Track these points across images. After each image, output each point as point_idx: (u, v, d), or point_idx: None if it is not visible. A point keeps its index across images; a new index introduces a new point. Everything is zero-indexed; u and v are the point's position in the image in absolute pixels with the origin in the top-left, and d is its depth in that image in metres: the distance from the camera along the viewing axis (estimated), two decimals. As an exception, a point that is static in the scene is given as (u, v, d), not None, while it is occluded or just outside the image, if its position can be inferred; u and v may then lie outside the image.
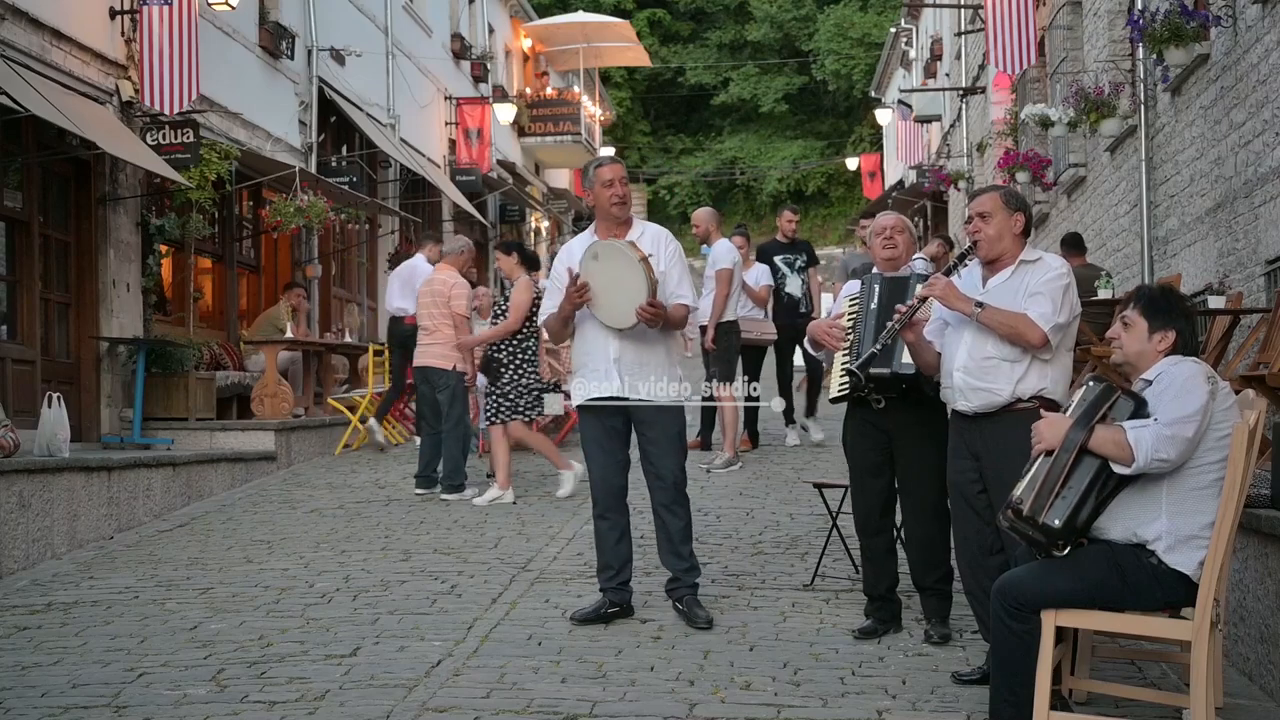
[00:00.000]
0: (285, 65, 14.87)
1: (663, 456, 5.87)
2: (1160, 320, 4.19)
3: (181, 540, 8.22)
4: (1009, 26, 13.49)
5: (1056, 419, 4.13)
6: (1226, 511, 3.93)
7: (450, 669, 5.17)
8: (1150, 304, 4.24)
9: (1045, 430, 4.11)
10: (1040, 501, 4.03)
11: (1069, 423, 4.06)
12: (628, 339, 5.80)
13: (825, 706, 4.68)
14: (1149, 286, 4.55)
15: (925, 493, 5.46)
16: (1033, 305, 4.71)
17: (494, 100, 23.20)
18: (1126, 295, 4.42)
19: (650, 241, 5.91)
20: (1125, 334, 4.27)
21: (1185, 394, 3.98)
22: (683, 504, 5.93)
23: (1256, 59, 8.11)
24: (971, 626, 5.34)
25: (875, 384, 5.38)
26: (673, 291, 5.87)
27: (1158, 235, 10.90)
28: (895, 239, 5.71)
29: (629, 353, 5.83)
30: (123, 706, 4.80)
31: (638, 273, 5.63)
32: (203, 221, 11.73)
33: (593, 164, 6.10)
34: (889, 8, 39.82)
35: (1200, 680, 3.95)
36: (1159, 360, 4.17)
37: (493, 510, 8.81)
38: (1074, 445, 4.01)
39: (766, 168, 43.81)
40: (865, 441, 5.64)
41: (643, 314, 5.63)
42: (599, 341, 5.87)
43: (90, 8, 10.80)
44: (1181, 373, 4.06)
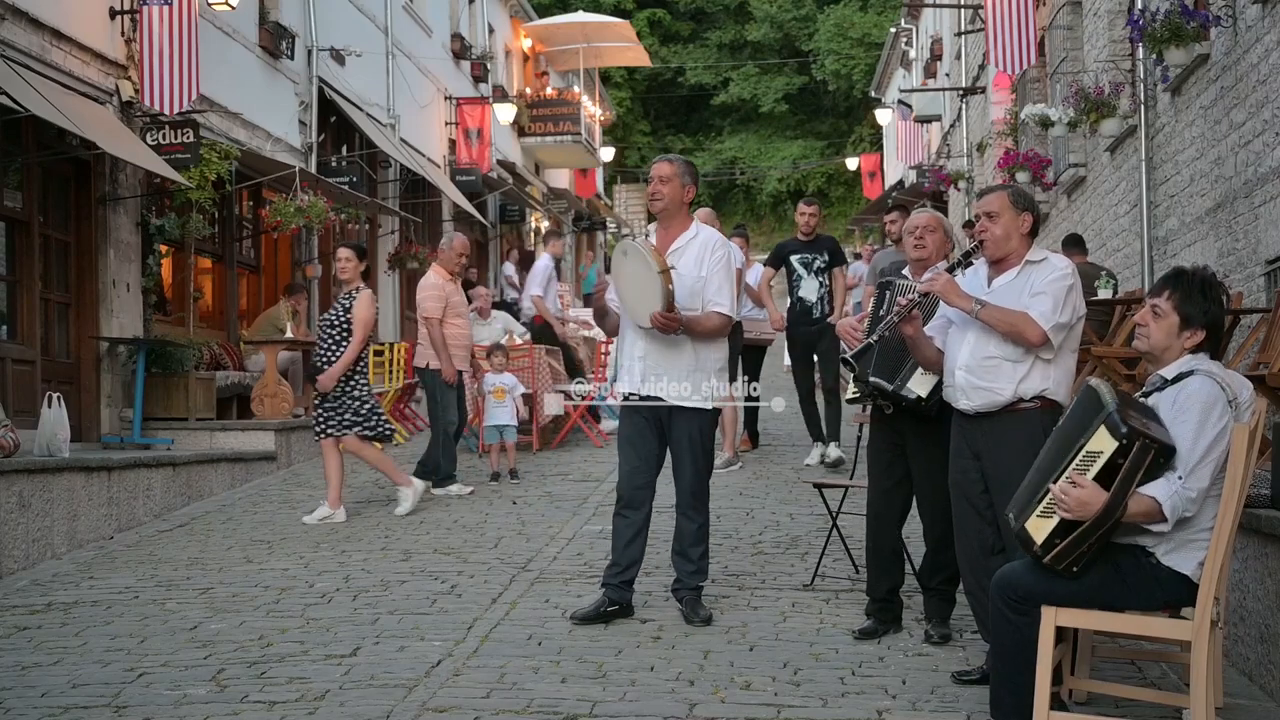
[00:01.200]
0: (285, 65, 14.87)
1: (680, 459, 5.92)
2: (1196, 317, 4.08)
3: (181, 540, 8.21)
4: (1009, 26, 13.49)
5: (1089, 494, 3.88)
6: (1226, 511, 3.92)
7: (450, 669, 5.17)
8: (1186, 298, 4.09)
9: (1075, 504, 3.89)
10: (1060, 561, 3.98)
11: (1103, 500, 3.87)
12: (654, 339, 5.84)
13: (825, 706, 4.68)
14: (1190, 273, 4.19)
15: (937, 497, 5.44)
16: (1035, 304, 4.70)
17: (494, 100, 23.19)
18: (1163, 278, 4.22)
19: (699, 246, 5.93)
20: (1154, 323, 4.13)
21: (1204, 429, 3.90)
22: (698, 508, 5.94)
23: (1256, 59, 8.11)
24: (971, 627, 5.34)
25: (877, 393, 5.40)
26: (710, 299, 5.86)
27: (1158, 235, 10.90)
28: (925, 239, 5.66)
29: (655, 352, 5.86)
30: (123, 706, 4.80)
31: (655, 281, 5.64)
32: (203, 221, 11.73)
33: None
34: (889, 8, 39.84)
35: (1200, 680, 3.95)
36: (1182, 357, 4.10)
37: (493, 510, 8.81)
38: (1105, 522, 3.89)
39: (766, 168, 43.83)
40: (880, 445, 5.65)
41: (655, 321, 5.66)
42: (629, 338, 5.96)
43: (90, 8, 10.80)
44: (1203, 394, 3.95)
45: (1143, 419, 3.95)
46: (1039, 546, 4.01)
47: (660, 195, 5.93)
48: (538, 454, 11.41)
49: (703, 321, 5.82)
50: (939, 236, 5.70)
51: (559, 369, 12.36)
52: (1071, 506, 3.91)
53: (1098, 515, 3.89)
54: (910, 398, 5.27)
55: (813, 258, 10.11)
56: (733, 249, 6.19)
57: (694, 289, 5.81)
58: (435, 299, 9.51)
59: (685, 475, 5.92)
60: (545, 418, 11.76)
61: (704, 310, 5.83)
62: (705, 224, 10.40)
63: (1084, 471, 3.93)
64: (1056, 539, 3.97)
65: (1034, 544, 4.03)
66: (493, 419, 10.32)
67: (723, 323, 5.90)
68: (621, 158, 41.11)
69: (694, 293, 5.80)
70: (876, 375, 5.38)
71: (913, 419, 5.41)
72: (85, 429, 10.48)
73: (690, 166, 6.09)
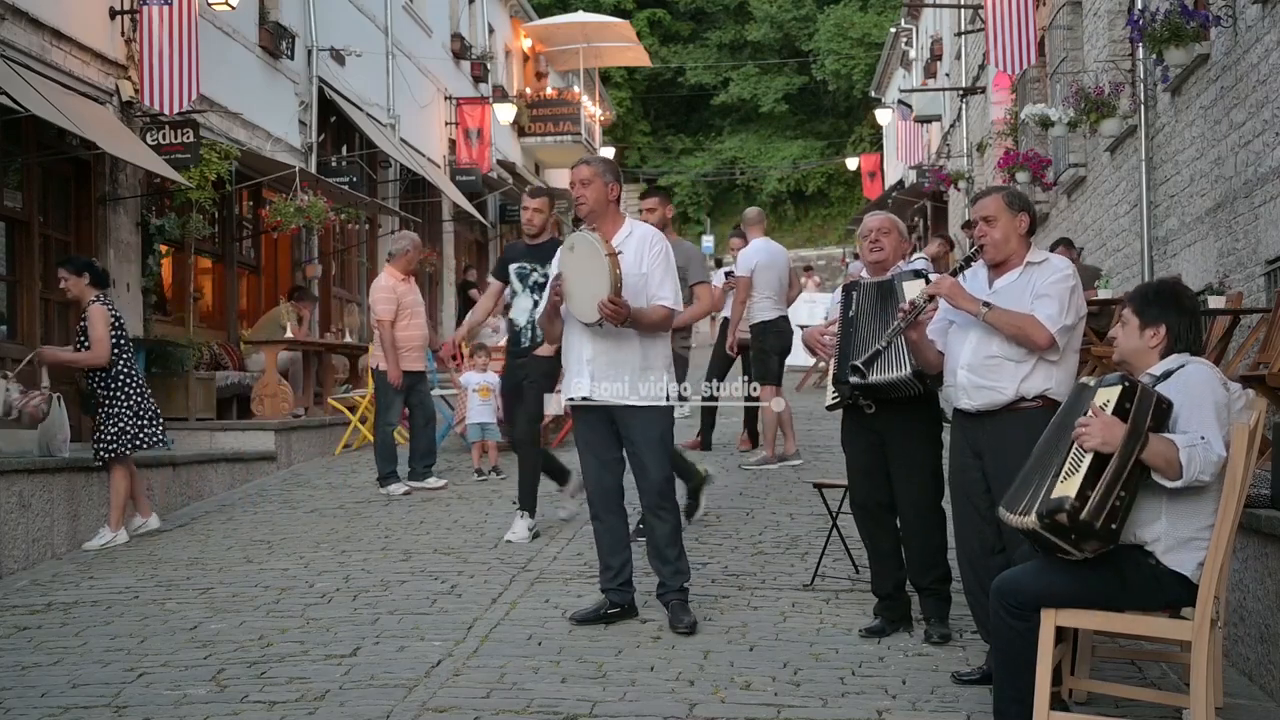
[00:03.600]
0: (285, 65, 14.88)
1: (642, 458, 5.81)
2: (1150, 315, 4.16)
3: (181, 540, 8.21)
4: (1009, 26, 13.50)
5: (1109, 419, 3.89)
6: (1226, 511, 3.92)
7: (450, 669, 5.17)
8: (1140, 299, 4.23)
9: (1099, 430, 3.88)
10: (1098, 516, 3.87)
11: (1123, 428, 3.87)
12: (602, 340, 5.72)
13: (825, 706, 4.68)
14: (1146, 283, 4.50)
15: (918, 494, 5.46)
16: (1040, 307, 4.71)
17: (494, 100, 23.21)
18: (1126, 294, 4.40)
19: (637, 241, 5.85)
20: (1121, 332, 4.26)
21: (1208, 400, 3.94)
22: (667, 507, 5.84)
23: (1256, 59, 8.12)
24: (971, 627, 5.33)
25: (862, 393, 5.39)
26: (654, 294, 5.77)
27: (1158, 235, 10.91)
28: (881, 241, 5.65)
29: (602, 354, 5.75)
30: (123, 706, 4.80)
31: (603, 267, 5.52)
32: (203, 221, 11.74)
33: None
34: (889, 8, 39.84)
35: (1200, 680, 3.95)
36: (1155, 356, 4.14)
37: (493, 510, 8.80)
38: (1131, 453, 3.86)
39: (766, 168, 43.84)
40: (858, 443, 5.65)
41: (603, 309, 5.51)
42: (575, 342, 5.83)
43: (90, 8, 10.80)
44: (1201, 374, 4.00)
45: None
46: (1074, 500, 3.87)
47: (584, 199, 5.85)
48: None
49: (649, 314, 5.70)
50: (894, 238, 5.69)
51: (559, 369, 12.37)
52: (1096, 433, 3.87)
53: (1123, 443, 3.85)
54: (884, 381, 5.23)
55: (530, 269, 7.62)
56: (667, 243, 6.08)
57: (637, 286, 5.69)
58: (386, 301, 9.55)
59: (649, 475, 5.80)
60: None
61: (650, 305, 5.73)
62: (754, 224, 10.37)
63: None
64: (1088, 489, 3.88)
65: (1065, 504, 3.88)
66: (475, 416, 10.36)
67: (667, 315, 5.80)
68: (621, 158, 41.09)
69: (637, 291, 5.69)
70: (856, 375, 5.34)
71: (891, 419, 5.41)
72: (85, 429, 10.47)
73: (610, 164, 6.03)
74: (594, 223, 5.90)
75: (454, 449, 11.50)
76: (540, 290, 7.19)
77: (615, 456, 5.90)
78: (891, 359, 5.24)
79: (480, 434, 10.34)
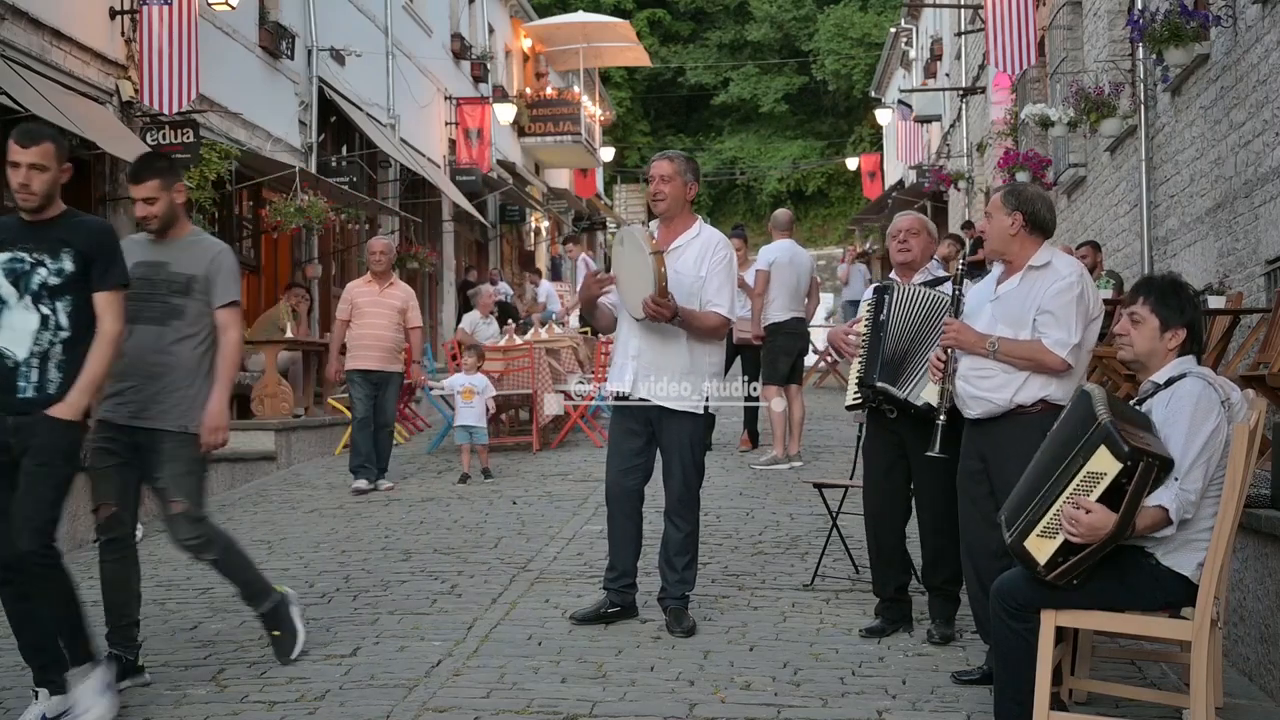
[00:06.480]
0: (285, 65, 14.88)
1: (669, 463, 5.80)
2: (1174, 317, 4.10)
3: (181, 540, 8.19)
4: (1009, 26, 13.50)
5: (1097, 516, 3.85)
6: (1226, 511, 3.92)
7: (450, 669, 5.17)
8: (1162, 299, 4.12)
9: (1085, 530, 3.86)
10: (1063, 578, 3.97)
11: (1112, 521, 3.85)
12: (649, 337, 5.68)
13: (825, 706, 4.68)
14: (1158, 279, 4.28)
15: (938, 497, 5.41)
16: (1046, 330, 4.63)
17: (494, 100, 23.22)
18: (1133, 288, 4.28)
19: (701, 244, 5.77)
20: (1134, 331, 4.16)
21: (1196, 429, 3.91)
22: (685, 515, 5.80)
23: (1256, 59, 8.11)
24: (971, 627, 5.33)
25: (884, 398, 5.40)
26: (709, 299, 5.69)
27: (1158, 235, 10.91)
28: (909, 242, 5.62)
29: (648, 351, 5.70)
30: (123, 706, 4.80)
31: (647, 264, 5.47)
32: (202, 221, 11.73)
33: None
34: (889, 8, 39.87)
35: (1200, 680, 3.95)
36: (1170, 360, 4.11)
37: (493, 510, 8.80)
38: (1114, 540, 3.88)
39: (766, 168, 43.87)
40: (879, 443, 5.64)
41: (646, 307, 5.49)
42: (624, 336, 5.82)
43: (90, 8, 10.80)
44: (1194, 395, 3.96)
45: (1139, 433, 3.93)
46: (1042, 567, 3.97)
47: (663, 195, 5.76)
48: (538, 454, 11.41)
49: (700, 318, 5.64)
50: (923, 239, 5.67)
51: (559, 369, 12.36)
52: (1083, 533, 3.88)
53: (1107, 537, 3.88)
54: (919, 404, 5.26)
55: (32, 263, 4.54)
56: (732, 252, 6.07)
57: (692, 289, 5.64)
58: (342, 301, 9.97)
59: (674, 480, 5.77)
60: (545, 418, 11.76)
61: (701, 309, 5.68)
62: (779, 227, 10.31)
63: (1088, 494, 3.90)
64: (1060, 559, 3.95)
65: (1036, 564, 3.99)
66: (461, 419, 10.32)
67: (720, 323, 5.72)
68: (621, 158, 41.15)
69: (692, 293, 5.64)
70: (884, 380, 5.37)
71: (914, 422, 5.39)
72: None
73: (691, 163, 5.95)
74: (669, 220, 5.84)
75: (453, 449, 11.48)
76: None
77: (641, 461, 5.85)
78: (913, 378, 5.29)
79: (468, 437, 10.24)
